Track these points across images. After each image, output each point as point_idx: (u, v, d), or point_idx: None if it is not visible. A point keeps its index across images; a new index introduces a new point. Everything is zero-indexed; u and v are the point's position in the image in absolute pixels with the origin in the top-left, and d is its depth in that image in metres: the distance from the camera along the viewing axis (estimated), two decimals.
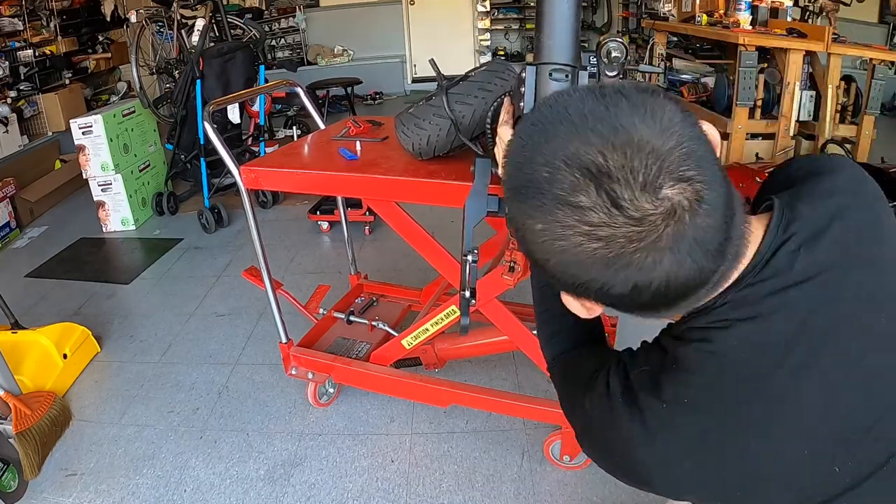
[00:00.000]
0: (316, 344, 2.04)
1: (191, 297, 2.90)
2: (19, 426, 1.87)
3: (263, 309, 2.67)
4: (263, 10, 7.32)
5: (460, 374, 2.12)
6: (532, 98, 0.89)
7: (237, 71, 3.78)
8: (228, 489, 1.77)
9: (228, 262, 3.25)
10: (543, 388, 2.04)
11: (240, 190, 1.65)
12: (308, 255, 3.28)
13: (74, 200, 4.43)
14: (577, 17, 0.86)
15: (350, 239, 2.31)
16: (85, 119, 3.61)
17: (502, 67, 1.34)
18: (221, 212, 3.69)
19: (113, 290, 3.06)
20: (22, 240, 3.84)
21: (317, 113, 2.04)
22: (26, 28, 4.97)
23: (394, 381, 1.83)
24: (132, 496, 1.78)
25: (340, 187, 1.58)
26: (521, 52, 7.51)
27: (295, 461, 1.86)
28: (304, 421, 2.01)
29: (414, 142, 1.41)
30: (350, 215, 2.76)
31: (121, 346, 2.55)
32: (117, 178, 3.72)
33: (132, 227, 3.83)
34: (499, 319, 1.62)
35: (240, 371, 2.31)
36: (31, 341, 2.32)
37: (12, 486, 1.78)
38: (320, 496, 1.73)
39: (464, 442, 1.88)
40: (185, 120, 3.78)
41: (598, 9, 7.04)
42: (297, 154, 1.76)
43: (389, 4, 7.36)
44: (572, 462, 1.73)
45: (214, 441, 1.96)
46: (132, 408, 2.15)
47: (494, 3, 7.37)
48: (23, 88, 4.88)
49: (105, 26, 6.01)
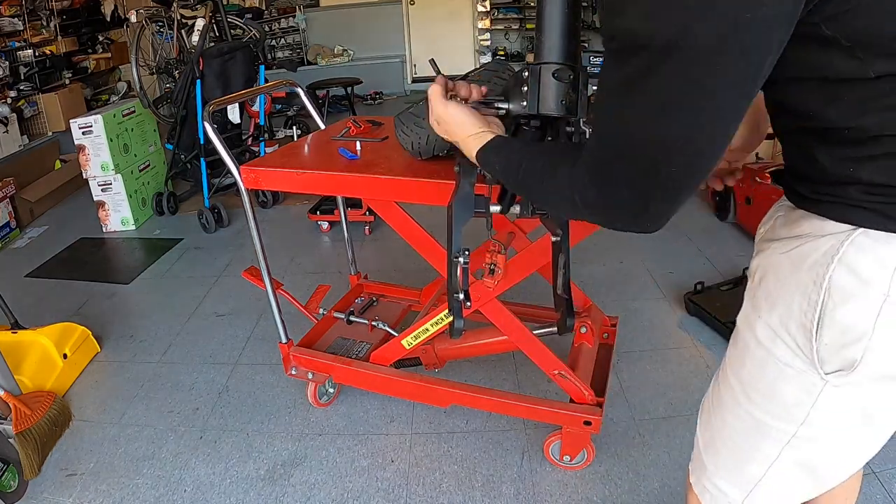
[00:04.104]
0: (316, 344, 2.04)
1: (191, 297, 2.90)
2: (19, 426, 1.87)
3: (263, 309, 2.67)
4: (263, 10, 7.32)
5: (460, 374, 2.12)
6: (534, 98, 0.88)
7: (237, 71, 3.78)
8: (228, 489, 1.77)
9: (228, 262, 3.25)
10: (543, 388, 2.04)
11: (240, 190, 1.65)
12: (308, 255, 3.28)
13: (74, 200, 4.43)
14: (577, 18, 0.86)
15: (350, 239, 2.31)
16: (85, 119, 3.61)
17: (502, 67, 1.34)
18: (221, 212, 3.69)
19: (113, 290, 3.06)
20: (22, 240, 3.84)
21: (317, 113, 2.04)
22: (26, 28, 4.97)
23: (394, 381, 1.83)
24: (132, 496, 1.78)
25: (340, 187, 1.58)
26: (521, 52, 7.51)
27: (295, 461, 1.86)
28: (304, 421, 2.01)
29: (413, 141, 1.41)
30: (350, 215, 2.76)
31: (121, 346, 2.55)
32: (117, 178, 3.72)
33: (132, 227, 3.83)
34: (499, 319, 1.62)
35: (240, 371, 2.31)
36: (31, 341, 2.32)
37: (12, 486, 1.78)
38: (320, 496, 1.73)
39: (464, 442, 1.88)
40: (185, 120, 3.78)
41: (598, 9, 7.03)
42: (297, 154, 1.76)
43: (389, 4, 7.36)
44: (572, 462, 1.73)
45: (214, 441, 1.96)
46: (132, 408, 2.15)
47: (494, 3, 7.37)
48: (23, 88, 4.88)
49: (105, 26, 6.02)
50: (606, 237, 3.08)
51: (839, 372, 0.68)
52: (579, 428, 1.65)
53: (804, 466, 0.79)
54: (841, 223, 0.65)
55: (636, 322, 2.41)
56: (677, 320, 2.43)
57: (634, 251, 2.99)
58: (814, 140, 0.65)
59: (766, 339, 0.75)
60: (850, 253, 0.64)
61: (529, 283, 1.71)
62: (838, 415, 0.73)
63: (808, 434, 0.75)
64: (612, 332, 2.00)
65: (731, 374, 0.83)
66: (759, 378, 0.77)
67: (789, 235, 0.72)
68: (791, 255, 0.71)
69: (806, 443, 0.76)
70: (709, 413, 0.91)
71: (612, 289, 2.67)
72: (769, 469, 0.81)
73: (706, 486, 0.92)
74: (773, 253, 0.74)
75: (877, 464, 1.65)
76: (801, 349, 0.70)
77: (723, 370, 0.87)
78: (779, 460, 0.79)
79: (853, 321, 0.65)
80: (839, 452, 0.77)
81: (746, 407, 0.80)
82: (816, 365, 0.70)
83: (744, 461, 0.83)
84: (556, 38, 0.86)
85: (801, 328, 0.70)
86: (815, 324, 0.68)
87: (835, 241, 0.65)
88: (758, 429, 0.80)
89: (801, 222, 0.71)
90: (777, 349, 0.73)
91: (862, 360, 0.66)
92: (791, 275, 0.70)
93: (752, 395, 0.79)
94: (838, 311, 0.66)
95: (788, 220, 0.74)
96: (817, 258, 0.67)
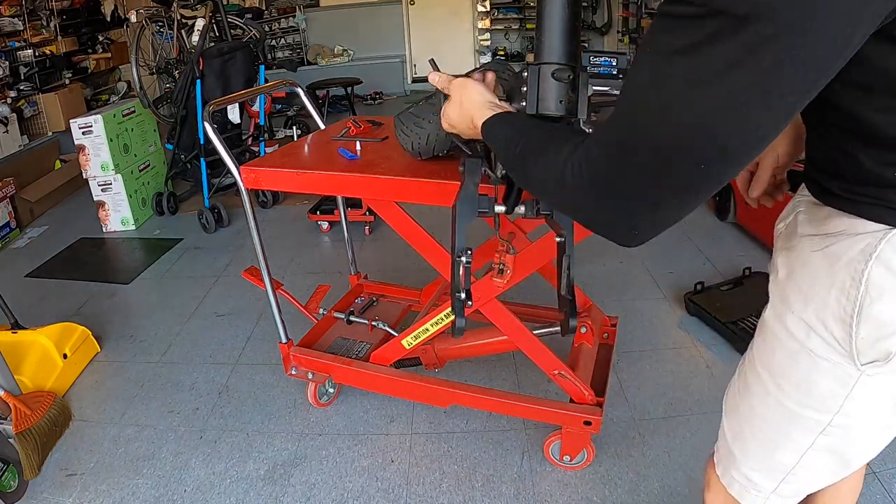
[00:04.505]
0: (316, 344, 2.04)
1: (191, 297, 2.90)
2: (19, 426, 1.87)
3: (263, 309, 2.67)
4: (263, 10, 7.32)
5: (460, 374, 2.12)
6: (534, 98, 0.89)
7: (237, 71, 3.78)
8: (228, 489, 1.77)
9: (228, 262, 3.25)
10: (543, 388, 2.04)
11: (240, 190, 1.65)
12: (308, 255, 3.28)
13: (74, 200, 4.43)
14: (577, 17, 0.86)
15: (350, 239, 2.31)
16: (85, 119, 3.61)
17: (502, 67, 1.34)
18: (221, 212, 3.69)
19: (113, 290, 3.06)
20: (22, 240, 3.84)
21: (317, 113, 2.04)
22: (26, 28, 4.97)
23: (394, 381, 1.83)
24: (132, 496, 1.78)
25: (340, 187, 1.58)
26: (521, 52, 7.51)
27: (295, 461, 1.86)
28: (304, 421, 2.01)
29: (413, 141, 1.41)
30: (350, 215, 2.76)
31: (121, 346, 2.55)
32: (117, 178, 3.72)
33: (132, 227, 3.83)
34: (499, 319, 1.62)
35: (240, 371, 2.31)
36: (31, 341, 2.32)
37: (12, 486, 1.78)
38: (320, 496, 1.73)
39: (464, 442, 1.88)
40: (185, 120, 3.78)
41: (598, 9, 7.04)
42: (297, 154, 1.76)
43: (389, 4, 7.36)
44: (572, 462, 1.73)
45: (214, 441, 1.96)
46: (132, 408, 2.15)
47: (494, 3, 7.37)
48: (23, 88, 4.88)
49: (105, 26, 6.01)
50: None
51: (874, 363, 0.71)
52: (579, 428, 1.65)
53: (835, 453, 0.81)
54: (878, 223, 0.66)
55: (636, 322, 2.41)
56: (677, 320, 2.43)
57: (634, 251, 2.99)
58: (856, 140, 0.64)
59: (800, 332, 0.76)
60: (888, 251, 0.65)
61: (529, 283, 1.71)
62: (872, 403, 0.75)
63: (842, 422, 0.77)
64: (612, 332, 2.00)
65: (759, 366, 0.84)
66: (792, 370, 0.79)
67: (820, 233, 0.73)
68: (825, 252, 0.72)
69: (839, 430, 0.78)
70: (736, 404, 0.91)
71: (612, 289, 2.67)
72: (802, 458, 0.82)
73: (734, 476, 0.92)
74: (804, 250, 0.75)
75: (877, 464, 1.65)
76: (839, 342, 0.72)
77: (750, 362, 0.88)
78: (812, 449, 0.81)
79: (890, 316, 0.67)
80: (869, 438, 0.80)
81: (777, 396, 0.81)
82: (854, 356, 0.71)
83: (774, 450, 0.85)
84: (556, 38, 0.86)
85: (838, 322, 0.71)
86: (853, 318, 0.69)
87: (872, 238, 0.66)
88: (790, 418, 0.81)
89: (832, 220, 0.71)
90: (811, 342, 0.75)
91: None
92: (826, 271, 0.72)
93: (784, 386, 0.80)
94: (875, 307, 0.68)
95: (815, 218, 0.75)
96: (854, 255, 0.68)
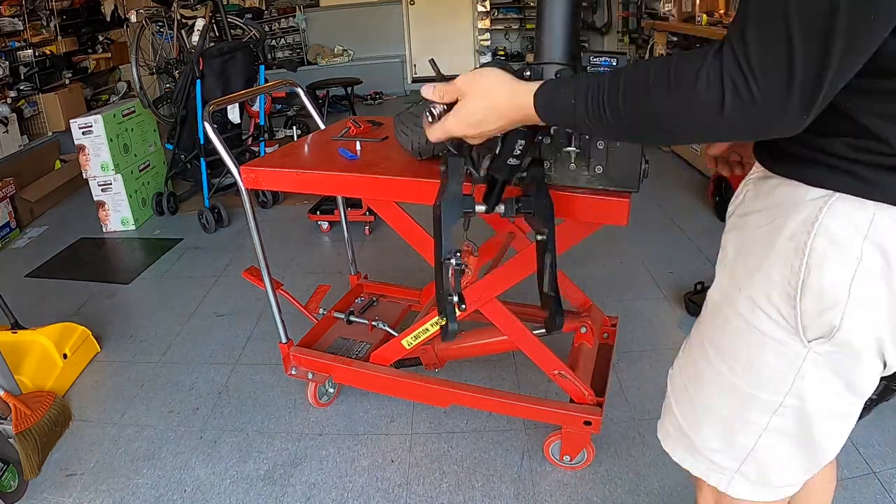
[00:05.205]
0: (316, 344, 2.04)
1: (191, 297, 2.90)
2: (19, 426, 1.87)
3: (263, 309, 2.67)
4: (263, 10, 7.33)
5: (460, 374, 2.12)
6: None
7: (237, 71, 3.78)
8: (228, 489, 1.77)
9: (228, 262, 3.25)
10: (543, 388, 2.04)
11: (240, 190, 1.65)
12: (308, 255, 3.28)
13: (74, 200, 4.43)
14: (577, 17, 0.86)
15: (350, 239, 2.31)
16: (85, 119, 3.61)
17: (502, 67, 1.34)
18: (221, 212, 3.69)
19: (113, 290, 3.06)
20: (22, 240, 3.84)
21: (317, 113, 2.04)
22: (26, 28, 4.97)
23: (394, 381, 1.83)
24: (132, 496, 1.78)
25: (340, 187, 1.58)
26: (521, 52, 7.51)
27: (295, 461, 1.86)
28: (304, 421, 2.01)
29: (413, 141, 1.42)
30: (350, 215, 2.76)
31: (121, 346, 2.55)
32: (117, 178, 3.72)
33: (132, 227, 3.83)
34: (499, 319, 1.62)
35: (240, 371, 2.31)
36: (31, 341, 2.32)
37: (12, 486, 1.78)
38: (320, 496, 1.73)
39: (464, 442, 1.88)
40: (185, 120, 3.78)
41: (597, 9, 7.04)
42: (297, 154, 1.76)
43: (389, 4, 7.36)
44: (572, 462, 1.73)
45: (214, 441, 1.96)
46: (132, 408, 2.15)
47: (494, 3, 7.38)
48: (23, 88, 4.88)
49: (105, 26, 6.01)
50: (606, 237, 3.09)
51: (820, 339, 0.70)
52: (579, 428, 1.65)
53: (792, 436, 0.79)
54: (817, 188, 0.66)
55: (636, 322, 2.41)
56: (677, 320, 2.43)
57: (634, 251, 3.00)
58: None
59: (747, 311, 0.75)
60: (828, 219, 0.65)
61: (529, 283, 1.71)
62: (822, 383, 0.73)
63: (794, 403, 0.76)
64: (612, 332, 2.00)
65: (709, 347, 0.83)
66: (741, 350, 0.78)
67: (764, 208, 0.73)
68: (770, 227, 0.71)
69: (792, 411, 0.77)
70: (685, 386, 0.90)
71: (612, 289, 2.67)
72: (759, 438, 0.81)
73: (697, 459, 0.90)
74: (751, 226, 0.75)
75: (877, 464, 1.65)
76: (785, 318, 0.71)
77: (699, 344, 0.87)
78: (767, 430, 0.80)
79: (829, 285, 0.66)
80: (828, 425, 0.78)
81: (730, 378, 0.80)
82: (800, 332, 0.70)
83: (731, 432, 0.83)
84: (557, 38, 0.86)
85: (783, 296, 0.70)
86: (798, 290, 0.69)
87: (812, 207, 0.66)
88: (742, 399, 0.80)
89: (774, 192, 0.71)
90: (758, 320, 0.74)
91: (840, 326, 0.68)
92: (770, 245, 0.71)
93: (735, 367, 0.79)
94: (817, 277, 0.67)
95: (760, 192, 0.74)
96: (796, 226, 0.67)
